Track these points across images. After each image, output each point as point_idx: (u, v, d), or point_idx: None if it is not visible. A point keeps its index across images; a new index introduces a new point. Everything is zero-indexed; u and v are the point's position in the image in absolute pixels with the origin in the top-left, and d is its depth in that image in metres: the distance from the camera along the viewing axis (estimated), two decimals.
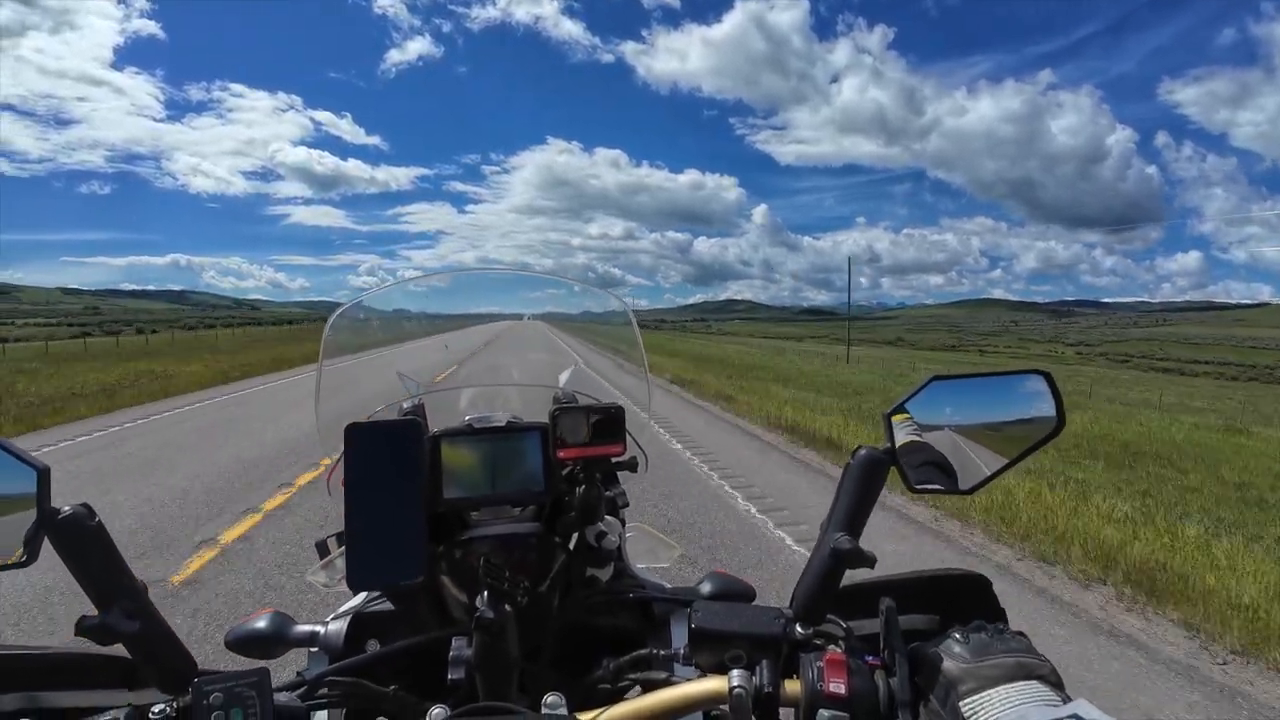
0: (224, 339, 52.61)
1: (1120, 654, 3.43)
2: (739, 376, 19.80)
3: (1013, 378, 0.76)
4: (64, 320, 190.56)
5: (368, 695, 0.74)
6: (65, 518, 0.63)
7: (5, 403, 12.18)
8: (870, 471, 0.72)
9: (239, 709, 0.60)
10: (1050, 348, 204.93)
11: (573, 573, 0.93)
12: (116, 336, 59.39)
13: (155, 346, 41.67)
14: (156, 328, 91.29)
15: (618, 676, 0.79)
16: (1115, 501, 6.18)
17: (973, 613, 0.68)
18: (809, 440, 9.08)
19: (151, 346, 42.18)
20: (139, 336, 61.63)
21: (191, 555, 4.46)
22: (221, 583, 4.01)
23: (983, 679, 0.58)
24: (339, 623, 0.93)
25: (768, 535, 5.17)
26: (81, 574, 0.64)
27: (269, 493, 5.98)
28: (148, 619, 0.66)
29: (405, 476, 0.79)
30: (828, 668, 0.61)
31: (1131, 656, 3.40)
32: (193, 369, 19.22)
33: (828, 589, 0.71)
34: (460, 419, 0.97)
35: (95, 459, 7.58)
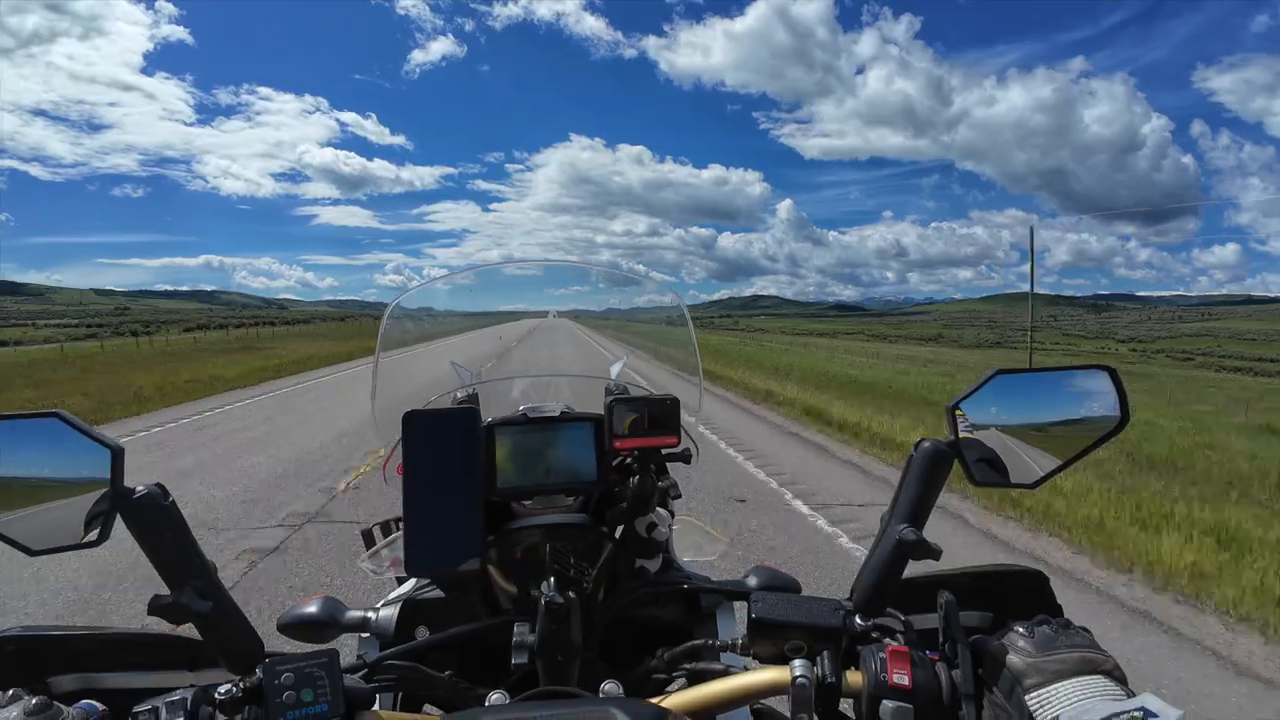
0: (227, 340, 51.84)
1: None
2: (819, 388, 15.59)
3: (1077, 373, 0.75)
4: (88, 321, 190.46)
5: (424, 680, 0.75)
6: (139, 497, 0.64)
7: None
8: (934, 464, 0.72)
9: (310, 689, 0.60)
10: (1101, 345, 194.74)
11: (620, 563, 0.93)
12: (136, 337, 57.91)
13: (174, 347, 40.81)
14: (186, 327, 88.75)
15: (672, 666, 0.80)
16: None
17: (1028, 608, 0.68)
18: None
19: (169, 346, 41.50)
20: (148, 337, 58.94)
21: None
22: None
23: (1048, 673, 0.58)
24: (390, 609, 0.93)
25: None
26: (154, 553, 0.65)
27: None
28: (218, 599, 0.67)
29: (463, 464, 0.80)
30: (891, 659, 0.61)
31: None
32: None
33: (890, 581, 0.71)
34: (512, 409, 0.97)
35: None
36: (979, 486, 0.75)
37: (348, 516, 5.29)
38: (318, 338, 44.31)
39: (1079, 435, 0.74)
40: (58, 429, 0.63)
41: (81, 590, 3.96)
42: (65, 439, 0.63)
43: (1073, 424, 0.74)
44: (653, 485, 0.91)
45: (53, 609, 3.77)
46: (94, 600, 3.85)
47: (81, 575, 4.13)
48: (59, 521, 0.63)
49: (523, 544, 0.90)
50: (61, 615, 3.70)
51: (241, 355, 25.51)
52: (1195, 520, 5.07)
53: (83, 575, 4.12)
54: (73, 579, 4.10)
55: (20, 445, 0.64)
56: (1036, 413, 0.75)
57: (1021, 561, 3.56)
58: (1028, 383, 0.76)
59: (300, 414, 10.97)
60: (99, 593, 3.94)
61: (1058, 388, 0.76)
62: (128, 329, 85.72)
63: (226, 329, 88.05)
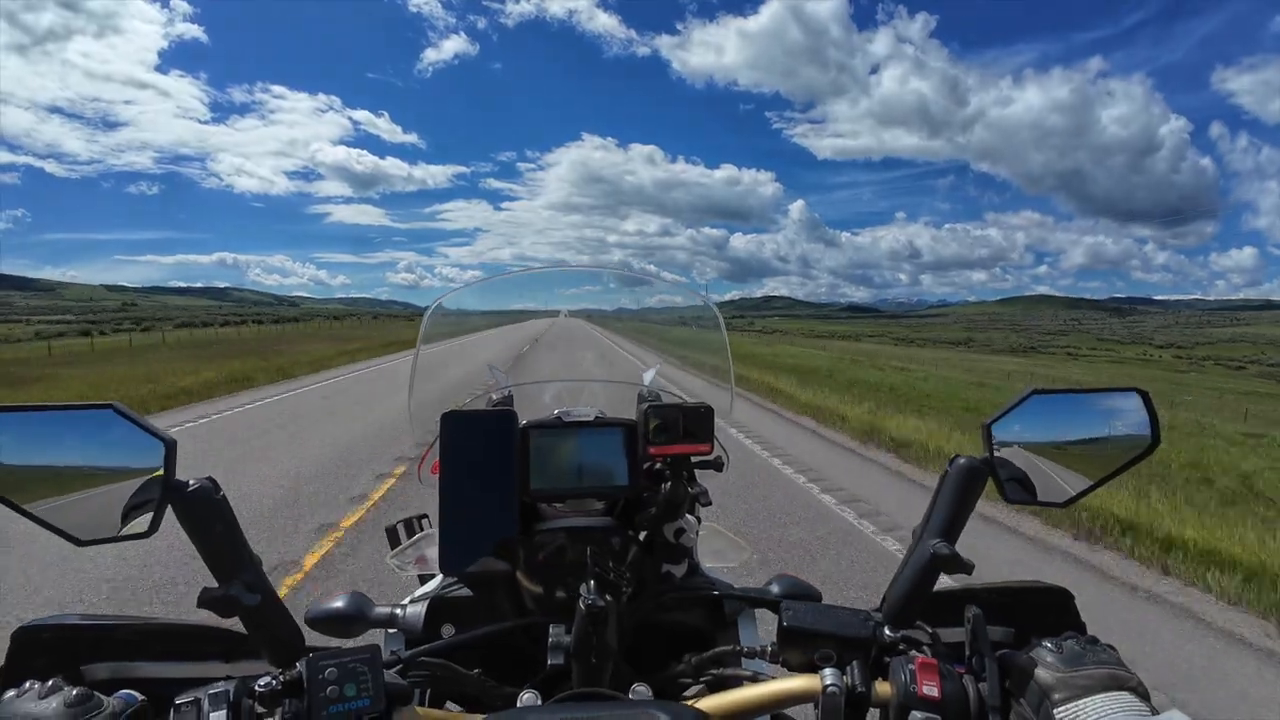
0: (233, 339, 47.94)
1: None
2: (912, 408, 12.66)
3: (1111, 394, 0.77)
4: (91, 317, 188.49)
5: (454, 678, 0.76)
6: (191, 491, 0.65)
7: None
8: (968, 480, 0.73)
9: (353, 684, 0.61)
10: (1140, 350, 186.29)
11: (646, 568, 0.94)
12: (129, 334, 54.99)
13: (163, 346, 36.91)
14: (179, 323, 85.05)
15: (699, 671, 0.81)
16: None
17: (1053, 625, 0.69)
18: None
19: (162, 345, 38.10)
20: (144, 334, 56.30)
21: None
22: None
23: (1076, 688, 0.59)
24: (417, 606, 0.94)
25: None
26: (204, 547, 0.66)
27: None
28: (266, 593, 0.68)
29: (500, 465, 0.81)
30: (920, 670, 0.62)
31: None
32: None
33: (921, 594, 0.72)
34: (546, 412, 0.99)
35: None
36: (1011, 504, 0.76)
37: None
38: (321, 338, 41.65)
39: (1110, 456, 0.75)
40: (111, 420, 0.64)
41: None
42: (119, 430, 0.64)
43: (1105, 444, 0.75)
44: (685, 492, 0.91)
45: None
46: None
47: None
48: (109, 512, 0.64)
49: (550, 546, 0.90)
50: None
51: (228, 361, 21.33)
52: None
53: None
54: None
55: (74, 435, 0.64)
56: (1069, 432, 0.76)
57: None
58: (1062, 403, 0.77)
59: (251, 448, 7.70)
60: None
61: (1091, 409, 0.77)
62: (130, 326, 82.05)
63: (223, 325, 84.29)
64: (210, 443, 7.85)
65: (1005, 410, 0.75)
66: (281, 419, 9.61)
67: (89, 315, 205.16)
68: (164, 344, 37.59)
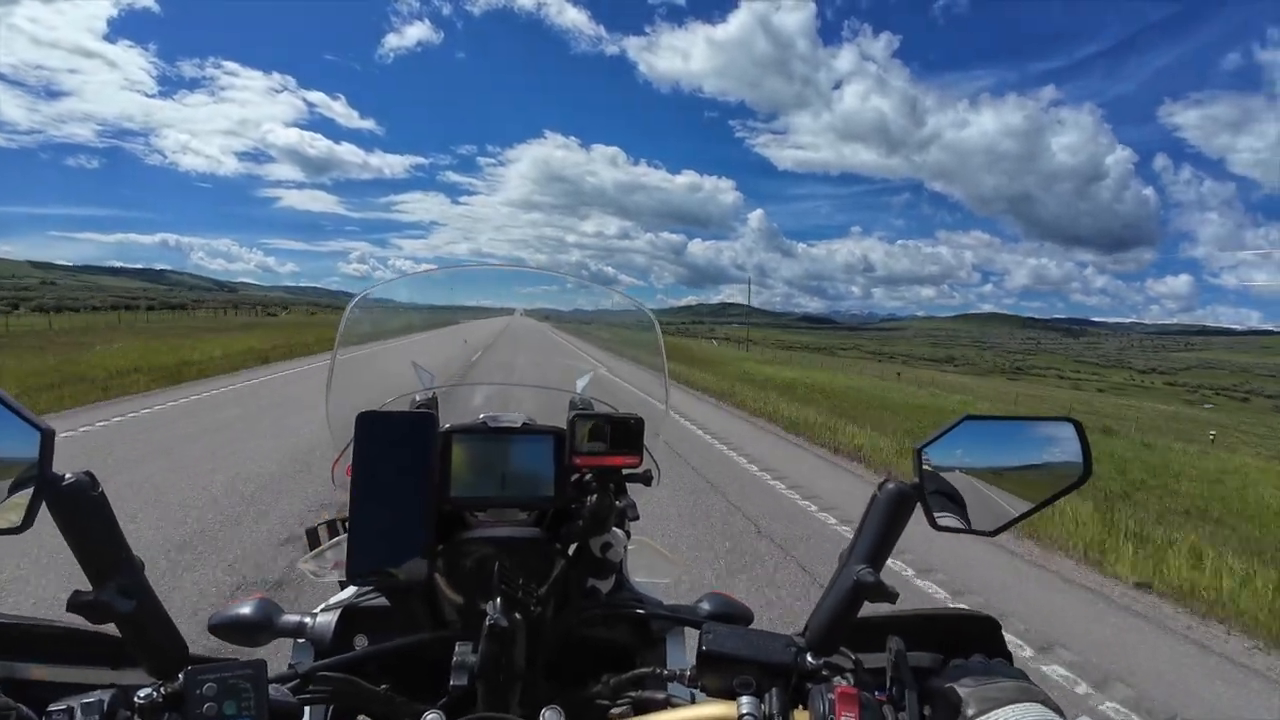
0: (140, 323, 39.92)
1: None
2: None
3: (1044, 423, 0.77)
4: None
5: (359, 694, 0.72)
6: (67, 485, 0.61)
7: None
8: (896, 505, 0.72)
9: (233, 701, 0.59)
10: (1126, 376, 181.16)
11: (572, 583, 0.91)
12: (48, 315, 46.86)
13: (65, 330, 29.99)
14: (118, 306, 74.88)
15: (616, 693, 0.78)
16: None
17: (979, 652, 0.70)
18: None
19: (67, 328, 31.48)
20: (60, 317, 47.14)
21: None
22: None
23: (987, 700, 0.60)
24: (328, 615, 0.90)
25: None
26: (78, 546, 0.62)
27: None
28: (144, 599, 0.64)
29: (414, 469, 0.78)
30: (839, 701, 0.61)
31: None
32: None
33: (844, 621, 0.71)
34: (473, 416, 0.95)
35: None
36: (939, 531, 0.74)
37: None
38: (246, 330, 33.98)
39: (1042, 484, 0.74)
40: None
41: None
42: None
43: (1036, 472, 0.75)
44: (610, 505, 0.88)
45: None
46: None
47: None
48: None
49: (473, 556, 0.87)
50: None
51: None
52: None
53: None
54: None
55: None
56: (1001, 460, 0.75)
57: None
58: (995, 430, 0.76)
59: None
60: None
61: (1024, 437, 0.77)
62: (50, 306, 71.51)
63: (149, 309, 73.98)
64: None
65: (938, 435, 0.74)
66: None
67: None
68: (50, 328, 31.36)
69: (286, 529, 4.68)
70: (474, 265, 1.34)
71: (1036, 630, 3.92)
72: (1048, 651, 3.68)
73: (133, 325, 34.83)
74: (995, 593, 4.51)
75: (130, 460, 6.42)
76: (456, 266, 1.36)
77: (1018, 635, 3.82)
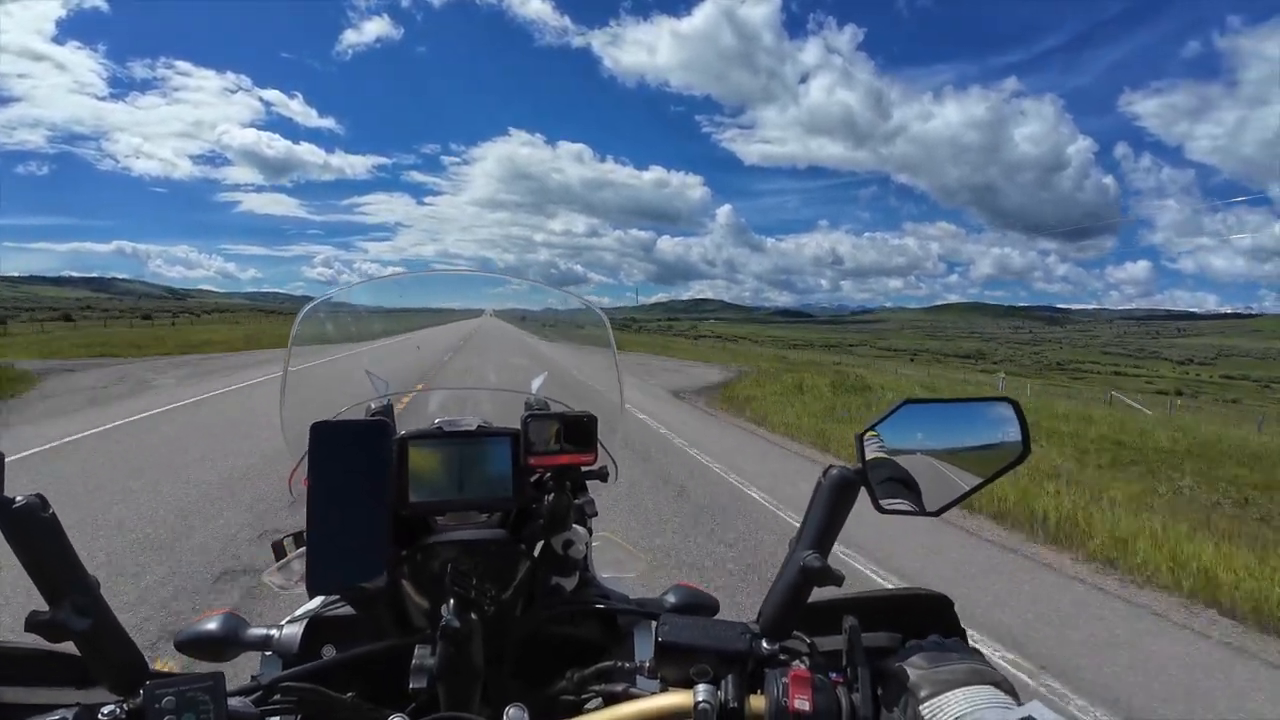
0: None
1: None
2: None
3: (982, 404, 0.79)
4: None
5: (324, 702, 0.74)
6: (17, 508, 0.62)
7: None
8: (840, 491, 0.75)
9: (191, 713, 0.60)
10: (1149, 367, 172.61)
11: (537, 581, 0.93)
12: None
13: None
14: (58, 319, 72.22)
15: (581, 688, 0.81)
16: None
17: (934, 630, 0.73)
18: None
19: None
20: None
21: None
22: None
23: (939, 683, 0.62)
24: (294, 626, 0.92)
25: None
26: (32, 567, 0.64)
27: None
28: (100, 616, 0.66)
29: (371, 478, 0.79)
30: (793, 684, 0.63)
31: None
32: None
33: (795, 606, 0.74)
34: (429, 422, 0.97)
35: None
36: (883, 513, 0.77)
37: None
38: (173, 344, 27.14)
39: (983, 464, 0.77)
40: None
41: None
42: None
43: (976, 452, 0.78)
44: (568, 503, 0.91)
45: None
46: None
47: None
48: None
49: (438, 559, 0.89)
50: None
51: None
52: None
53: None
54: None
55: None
56: (942, 441, 0.78)
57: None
58: (935, 413, 0.80)
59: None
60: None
61: (963, 418, 0.80)
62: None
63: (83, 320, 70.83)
64: None
65: (879, 420, 0.77)
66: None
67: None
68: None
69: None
70: (430, 271, 1.37)
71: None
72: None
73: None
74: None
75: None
76: (414, 272, 1.40)
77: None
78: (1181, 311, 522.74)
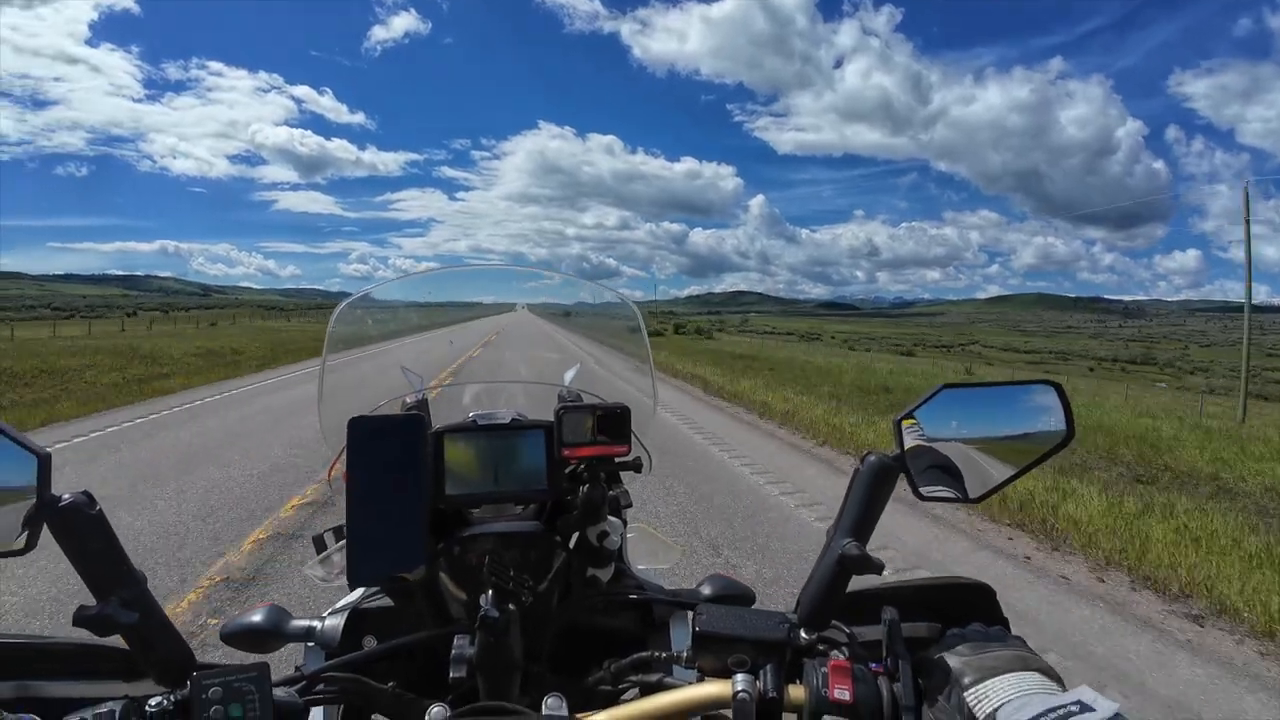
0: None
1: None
2: None
3: (1022, 388, 0.80)
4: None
5: (366, 692, 0.78)
6: (65, 505, 0.66)
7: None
8: (879, 478, 0.76)
9: (238, 704, 0.63)
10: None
11: (573, 572, 0.96)
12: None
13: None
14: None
15: (618, 678, 0.83)
16: None
17: (974, 620, 0.72)
18: None
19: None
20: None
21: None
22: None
23: (984, 670, 0.62)
24: (336, 618, 0.96)
25: None
26: (80, 563, 0.67)
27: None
28: (146, 610, 0.69)
29: (408, 471, 0.82)
30: (833, 674, 0.64)
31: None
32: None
33: (834, 595, 0.75)
34: (464, 415, 1.01)
35: None
36: (923, 500, 0.78)
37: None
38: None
39: (1025, 449, 0.77)
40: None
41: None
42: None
43: (1019, 438, 0.78)
44: (602, 494, 0.93)
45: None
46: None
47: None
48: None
49: (475, 552, 0.92)
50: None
51: None
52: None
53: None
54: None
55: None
56: (983, 427, 0.78)
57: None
58: (974, 397, 0.80)
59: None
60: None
61: (1004, 402, 0.80)
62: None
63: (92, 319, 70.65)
64: None
65: (916, 405, 0.77)
66: None
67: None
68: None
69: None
70: (461, 267, 1.42)
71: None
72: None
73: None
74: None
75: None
76: (444, 267, 1.43)
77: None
78: (1236, 303, 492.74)
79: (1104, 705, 0.52)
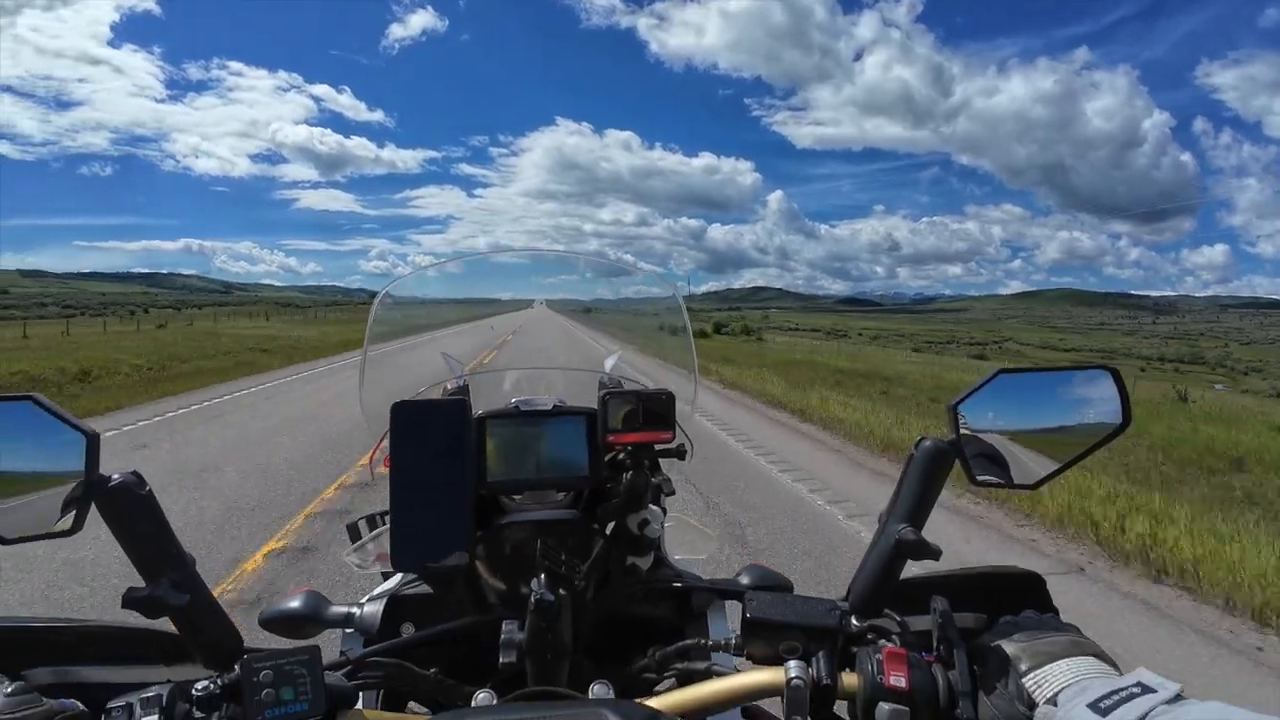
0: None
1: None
2: None
3: (1078, 373, 0.78)
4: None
5: (409, 677, 0.78)
6: (114, 486, 0.65)
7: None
8: (934, 463, 0.75)
9: (290, 687, 0.62)
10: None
11: (612, 561, 0.96)
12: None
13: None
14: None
15: (663, 666, 0.83)
16: None
17: (1024, 609, 0.71)
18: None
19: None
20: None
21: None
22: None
23: (1041, 655, 0.62)
24: (374, 604, 0.96)
25: None
26: (129, 545, 0.66)
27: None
28: (196, 592, 0.69)
29: (451, 457, 0.82)
30: (888, 661, 0.63)
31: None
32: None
33: (887, 582, 0.74)
34: (504, 401, 1.01)
35: None
36: (978, 486, 0.77)
37: None
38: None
39: (1081, 436, 0.76)
40: (31, 413, 0.64)
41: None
42: (39, 424, 0.64)
43: (1074, 424, 0.77)
44: (646, 481, 0.92)
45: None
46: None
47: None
48: (31, 507, 0.64)
49: (513, 540, 0.92)
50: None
51: None
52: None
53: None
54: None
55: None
56: (1038, 413, 0.77)
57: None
58: (1030, 383, 0.78)
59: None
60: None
61: (1059, 388, 0.79)
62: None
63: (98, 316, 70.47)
64: None
65: (971, 391, 0.76)
66: None
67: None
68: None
69: None
70: (495, 252, 1.42)
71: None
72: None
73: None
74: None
75: None
76: (481, 253, 1.46)
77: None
78: (1267, 299, 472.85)
79: (1167, 685, 0.52)
